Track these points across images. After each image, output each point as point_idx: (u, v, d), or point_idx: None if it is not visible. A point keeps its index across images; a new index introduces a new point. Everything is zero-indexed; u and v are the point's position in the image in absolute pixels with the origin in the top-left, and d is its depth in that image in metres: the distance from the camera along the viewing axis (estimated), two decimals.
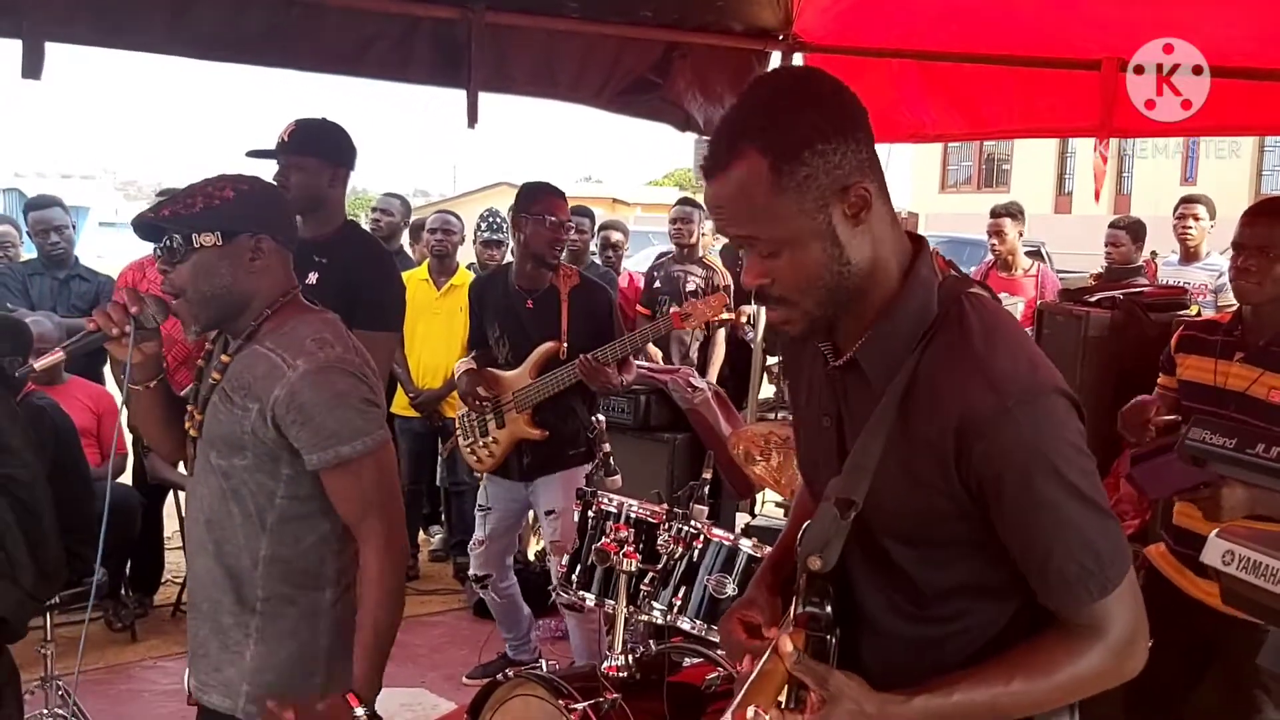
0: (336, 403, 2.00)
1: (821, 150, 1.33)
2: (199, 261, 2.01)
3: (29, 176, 30.74)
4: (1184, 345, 2.87)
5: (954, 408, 1.33)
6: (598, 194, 24.89)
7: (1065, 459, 1.33)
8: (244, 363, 2.06)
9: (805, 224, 1.34)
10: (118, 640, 4.74)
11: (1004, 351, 1.36)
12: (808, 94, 1.38)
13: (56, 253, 5.33)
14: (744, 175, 1.34)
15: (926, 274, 1.43)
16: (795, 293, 1.39)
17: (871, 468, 1.38)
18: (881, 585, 1.48)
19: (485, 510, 4.21)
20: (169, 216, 2.01)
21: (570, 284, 4.01)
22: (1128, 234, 6.40)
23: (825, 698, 1.34)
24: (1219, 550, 2.13)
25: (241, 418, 2.02)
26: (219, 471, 2.08)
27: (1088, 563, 1.33)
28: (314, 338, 2.05)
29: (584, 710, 2.66)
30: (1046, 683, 1.38)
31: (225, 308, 2.06)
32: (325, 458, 2.01)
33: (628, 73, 4.06)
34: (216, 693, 2.14)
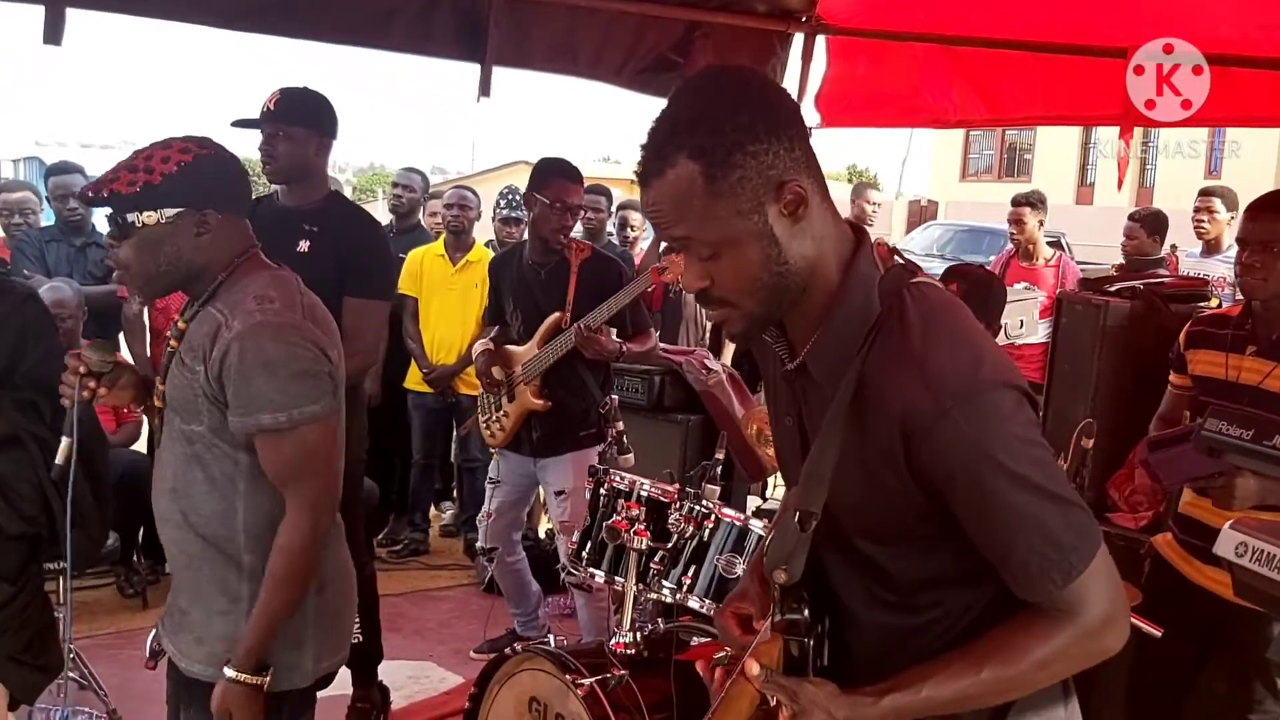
0: (262, 371, 1.95)
1: (753, 151, 1.32)
2: (142, 239, 1.98)
3: (49, 145, 30.84)
4: (1193, 341, 2.84)
5: (896, 408, 1.32)
6: (616, 174, 24.78)
7: (1012, 453, 1.31)
8: (196, 325, 2.04)
9: (741, 225, 1.34)
10: (129, 606, 4.78)
11: (944, 347, 1.34)
12: (737, 95, 1.36)
13: (75, 219, 5.34)
14: (677, 181, 1.33)
15: (866, 269, 1.41)
16: (735, 294, 1.38)
17: (828, 475, 1.37)
18: (858, 579, 1.49)
19: (494, 483, 4.23)
20: (109, 198, 1.97)
21: (581, 257, 4.00)
22: (1144, 227, 6.34)
23: (796, 711, 1.34)
24: (1232, 542, 2.13)
25: (192, 380, 1.99)
26: (183, 438, 2.05)
27: (1049, 553, 1.32)
28: (256, 294, 2.01)
29: (590, 686, 2.66)
30: (1016, 669, 1.37)
31: (174, 280, 2.05)
32: (246, 423, 1.97)
33: (648, 51, 4.03)
34: (199, 663, 2.11)
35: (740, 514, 2.97)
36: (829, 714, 1.34)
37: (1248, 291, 2.71)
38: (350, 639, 2.28)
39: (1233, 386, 2.66)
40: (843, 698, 1.35)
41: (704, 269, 1.38)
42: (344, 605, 2.24)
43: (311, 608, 2.12)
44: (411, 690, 4.14)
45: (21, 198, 5.57)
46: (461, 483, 5.98)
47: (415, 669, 4.32)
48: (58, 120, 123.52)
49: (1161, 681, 2.82)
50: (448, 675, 4.29)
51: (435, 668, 4.37)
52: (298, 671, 2.12)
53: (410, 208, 6.24)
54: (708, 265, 1.37)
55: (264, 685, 2.01)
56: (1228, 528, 2.14)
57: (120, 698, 3.79)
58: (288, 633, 2.09)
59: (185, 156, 1.99)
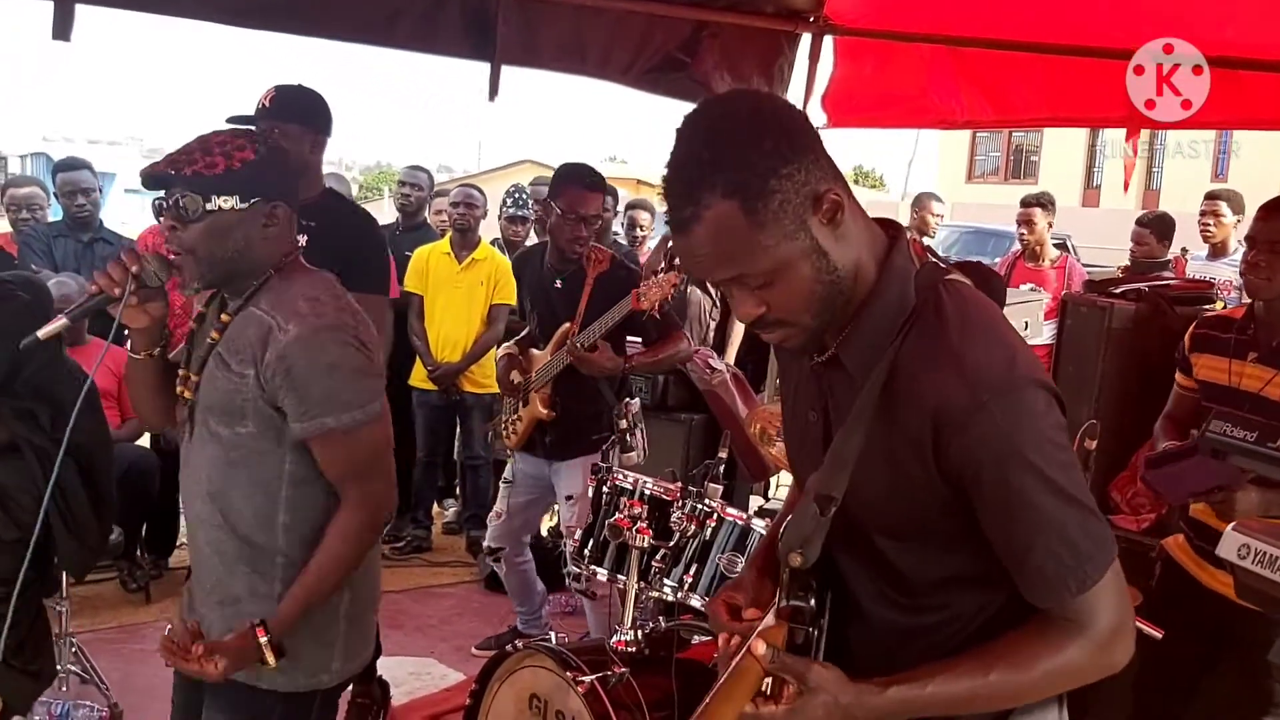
0: (326, 373, 1.95)
1: (785, 174, 1.30)
2: (214, 224, 1.95)
3: (56, 141, 30.86)
4: (1198, 344, 2.84)
5: (930, 401, 1.32)
6: (622, 174, 24.79)
7: (1042, 453, 1.31)
8: (240, 325, 2.01)
9: (789, 247, 1.33)
10: (132, 601, 4.79)
11: (980, 343, 1.35)
12: (751, 121, 1.33)
13: (82, 215, 5.35)
14: (717, 222, 1.30)
15: (902, 264, 1.42)
16: (792, 313, 1.38)
17: (851, 461, 1.37)
18: (870, 576, 1.48)
19: (509, 484, 4.22)
20: (191, 176, 1.94)
21: (599, 269, 3.95)
22: (1152, 231, 6.34)
23: (802, 690, 1.34)
24: (1235, 544, 2.13)
25: (240, 384, 1.97)
26: (220, 440, 2.01)
27: (1066, 559, 1.32)
28: (306, 296, 2.00)
29: (591, 683, 2.66)
30: (1025, 676, 1.37)
31: (234, 271, 2.01)
32: (310, 428, 1.95)
33: (656, 50, 4.03)
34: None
35: (743, 513, 2.97)
36: (835, 697, 1.34)
37: (1251, 290, 2.71)
38: (373, 641, 2.27)
39: (1234, 393, 2.65)
40: (849, 683, 1.35)
41: (758, 297, 1.37)
42: (369, 607, 2.23)
43: (344, 609, 2.11)
44: (413, 687, 4.14)
45: (29, 193, 5.58)
46: (464, 480, 5.99)
47: (417, 665, 4.33)
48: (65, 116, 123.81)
49: (1167, 684, 2.81)
50: (449, 672, 4.30)
51: (437, 664, 4.37)
52: (326, 672, 2.11)
53: (417, 206, 6.25)
54: (761, 293, 1.36)
55: (269, 662, 1.97)
56: (1230, 530, 2.13)
57: (121, 692, 3.80)
58: (320, 633, 2.08)
59: (260, 147, 2.00)
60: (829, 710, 1.34)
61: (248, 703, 2.07)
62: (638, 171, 27.27)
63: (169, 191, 1.97)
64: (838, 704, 1.34)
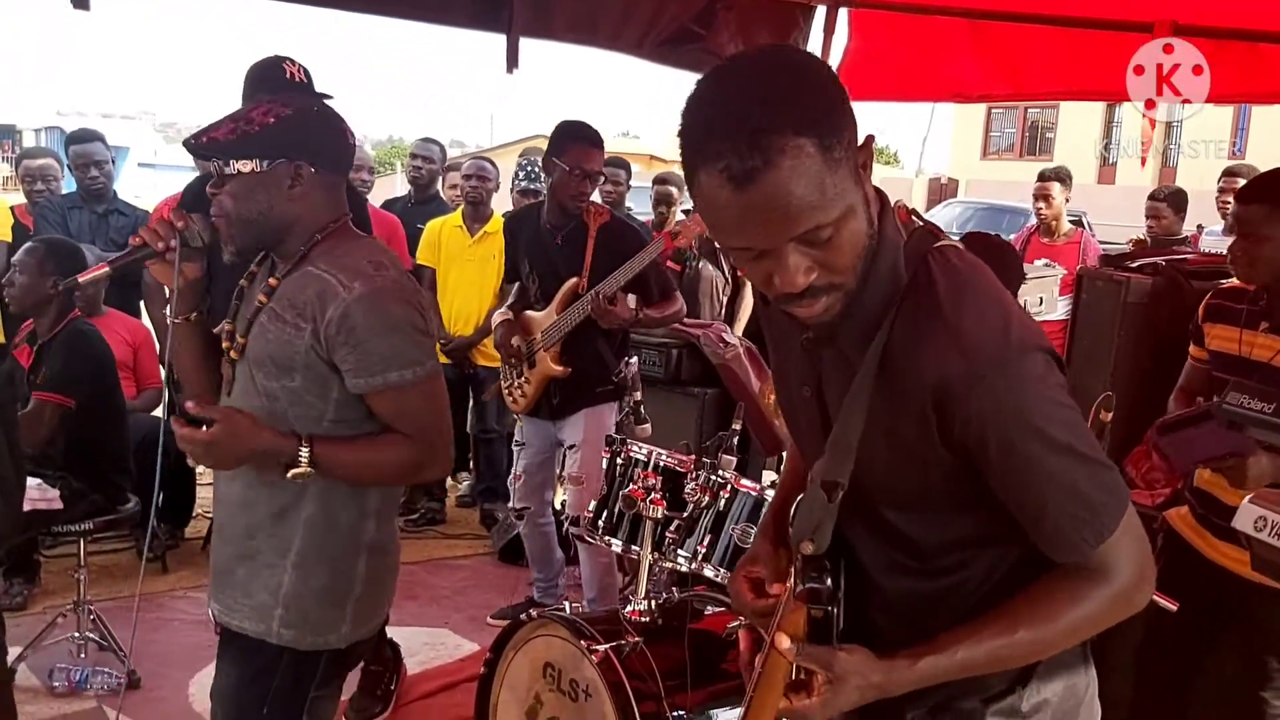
0: (390, 329, 1.99)
1: (846, 110, 1.26)
2: (237, 186, 2.01)
3: (70, 115, 30.96)
4: (1211, 314, 2.83)
5: (929, 377, 1.31)
6: (636, 149, 24.76)
7: (1046, 416, 1.31)
8: (296, 284, 2.04)
9: (855, 191, 1.27)
10: (149, 570, 4.82)
11: (973, 314, 1.32)
12: (801, 62, 1.30)
13: (95, 187, 5.36)
14: (795, 163, 1.19)
15: (892, 234, 1.38)
16: (841, 273, 1.30)
17: (854, 444, 1.36)
18: (882, 548, 1.48)
19: (520, 445, 4.28)
20: (207, 144, 2.00)
21: (600, 221, 4.01)
22: (1169, 205, 6.29)
23: (831, 679, 1.34)
24: (1251, 516, 2.13)
25: (294, 337, 2.00)
26: (265, 393, 2.05)
27: (1081, 514, 1.33)
28: (370, 259, 2.04)
29: (605, 652, 2.68)
30: (1051, 629, 1.37)
31: (264, 232, 2.05)
32: (373, 383, 1.99)
33: (670, 22, 4.01)
34: (248, 619, 2.13)
35: (756, 484, 2.97)
36: (865, 679, 1.34)
37: (1239, 278, 2.71)
38: (387, 608, 2.30)
39: (1245, 362, 2.64)
40: (877, 662, 1.35)
41: (815, 258, 1.27)
42: (387, 574, 2.25)
43: (360, 571, 2.14)
44: (427, 657, 4.17)
45: (44, 165, 5.60)
46: (478, 453, 6.00)
47: (431, 636, 4.36)
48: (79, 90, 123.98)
49: (1171, 657, 2.82)
50: (463, 642, 4.33)
51: (451, 635, 4.40)
52: (334, 633, 2.14)
53: (429, 179, 6.25)
54: (820, 253, 1.27)
55: (302, 464, 1.98)
56: (1247, 502, 2.13)
57: (138, 659, 3.84)
58: (334, 589, 2.11)
59: (285, 109, 2.03)
60: (862, 692, 1.34)
61: (255, 655, 2.11)
62: (651, 147, 27.21)
63: (198, 154, 2.07)
64: (870, 684, 1.34)
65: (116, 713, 3.55)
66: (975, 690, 1.47)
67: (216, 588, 2.22)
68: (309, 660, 2.13)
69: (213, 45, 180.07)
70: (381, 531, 2.15)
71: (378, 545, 2.16)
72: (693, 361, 5.05)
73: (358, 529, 2.12)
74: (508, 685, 2.98)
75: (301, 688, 2.13)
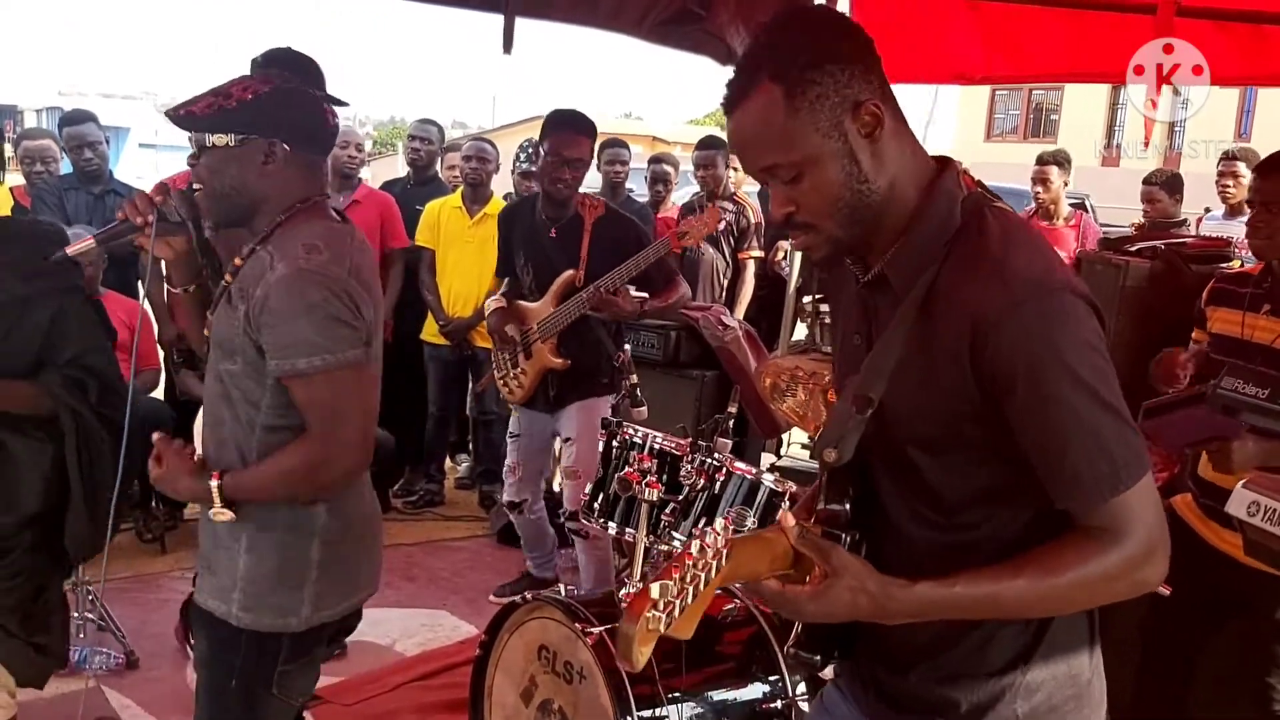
0: (301, 313, 1.95)
1: (830, 70, 1.37)
2: (211, 159, 2.03)
3: (72, 95, 30.82)
4: (1214, 298, 2.82)
5: (969, 306, 1.34)
6: (638, 131, 24.68)
7: (1078, 356, 1.31)
8: (250, 265, 2.05)
9: (822, 143, 1.38)
10: (147, 551, 4.84)
11: (1021, 252, 1.37)
12: (813, 23, 1.44)
13: (90, 169, 5.34)
14: (759, 105, 1.38)
15: (951, 188, 1.44)
16: (818, 216, 1.42)
17: (889, 368, 1.40)
18: (905, 494, 1.48)
19: (516, 437, 4.28)
20: (185, 117, 2.02)
21: (595, 214, 4.00)
22: (1164, 189, 6.26)
23: (828, 572, 1.35)
24: (1244, 501, 2.12)
25: (235, 318, 2.01)
26: (219, 375, 2.07)
27: (1100, 463, 1.32)
28: (306, 243, 2.00)
29: (600, 635, 2.68)
30: (1054, 581, 1.35)
31: (236, 208, 2.06)
32: (282, 367, 1.97)
33: (670, 2, 3.99)
34: (211, 597, 2.14)
35: (752, 468, 2.97)
36: (860, 582, 1.34)
37: (1255, 252, 2.69)
38: (364, 591, 2.28)
39: (1246, 345, 2.64)
40: (876, 573, 1.36)
41: (788, 195, 1.42)
42: (360, 556, 2.23)
43: (317, 554, 2.12)
44: (425, 638, 4.18)
45: (43, 146, 5.58)
46: (477, 435, 6.01)
47: (429, 617, 4.38)
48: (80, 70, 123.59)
49: (1174, 642, 2.82)
50: (460, 624, 4.34)
51: (449, 616, 4.41)
52: (294, 616, 2.12)
53: (428, 160, 6.22)
54: (791, 190, 1.41)
55: (215, 502, 2.03)
56: (1240, 487, 2.13)
57: (137, 639, 3.86)
58: (287, 574, 2.11)
59: (265, 86, 2.03)
60: (854, 595, 1.34)
61: (220, 630, 2.13)
62: (653, 128, 27.14)
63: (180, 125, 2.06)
64: (864, 590, 1.34)
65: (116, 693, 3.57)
66: (976, 665, 1.47)
67: (199, 569, 2.24)
68: (269, 639, 2.12)
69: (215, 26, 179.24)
70: (336, 517, 2.13)
71: (333, 531, 2.13)
72: (692, 344, 5.04)
73: (302, 516, 2.10)
74: (503, 667, 2.98)
75: (266, 663, 2.13)
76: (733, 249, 6.11)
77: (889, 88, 1.42)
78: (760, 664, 2.84)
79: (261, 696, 2.15)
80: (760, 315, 6.02)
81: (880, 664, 1.59)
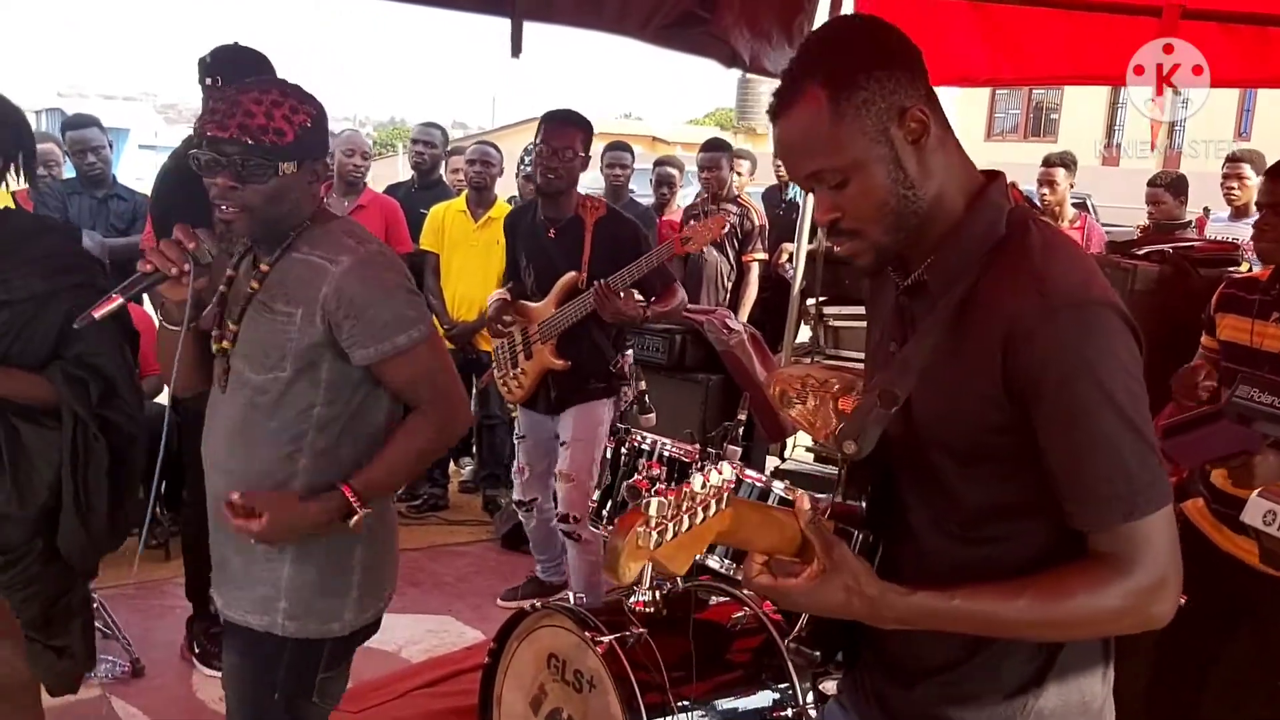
0: (386, 294, 2.04)
1: (878, 77, 1.37)
2: (278, 187, 1.99)
3: (71, 97, 30.80)
4: (1223, 304, 2.81)
5: (1005, 314, 1.33)
6: (637, 131, 24.68)
7: (1109, 371, 1.29)
8: (281, 272, 2.06)
9: (868, 149, 1.38)
10: (151, 557, 4.82)
11: (1060, 263, 1.36)
12: (861, 31, 1.45)
13: (94, 173, 5.34)
14: (807, 110, 1.38)
15: (998, 199, 1.44)
16: (864, 222, 1.42)
17: (918, 367, 1.40)
18: (926, 500, 1.47)
19: (521, 438, 4.30)
20: (270, 147, 1.95)
21: (596, 215, 4.01)
22: (1169, 191, 6.25)
23: (826, 566, 1.33)
24: (1260, 510, 2.11)
25: (285, 324, 2.02)
26: (252, 385, 2.06)
27: (1119, 482, 1.30)
28: (349, 233, 2.09)
29: (609, 643, 2.67)
30: (1057, 606, 1.33)
31: (282, 225, 2.06)
32: (382, 350, 2.02)
33: (674, 5, 3.98)
34: (250, 612, 2.14)
35: (761, 475, 2.96)
36: (856, 582, 1.33)
37: (1261, 255, 2.69)
38: (389, 588, 2.31)
39: (1255, 353, 2.62)
40: (875, 577, 1.35)
41: (833, 200, 1.42)
42: (387, 557, 2.27)
43: (360, 556, 2.16)
44: (431, 644, 4.18)
45: (45, 150, 5.57)
46: (481, 439, 6.00)
47: (435, 623, 4.36)
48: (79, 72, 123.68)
49: (1188, 650, 2.81)
50: (466, 629, 4.33)
51: (454, 622, 4.41)
52: (338, 621, 2.16)
53: (432, 164, 6.22)
54: (836, 196, 1.41)
55: (357, 513, 2.05)
56: (1255, 495, 2.12)
57: (142, 647, 3.85)
58: (332, 582, 2.13)
59: (310, 108, 2.04)
60: (848, 594, 1.33)
61: (260, 645, 2.13)
62: (653, 129, 27.13)
63: (221, 149, 1.96)
64: (859, 591, 1.33)
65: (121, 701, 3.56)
66: (987, 685, 1.45)
67: (217, 579, 2.23)
68: (313, 646, 2.15)
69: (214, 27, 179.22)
70: (376, 517, 2.15)
71: (374, 532, 2.16)
72: (697, 348, 5.03)
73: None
74: (512, 675, 2.98)
75: (309, 672, 2.16)
76: (737, 252, 6.11)
77: (935, 96, 1.42)
78: (770, 672, 2.84)
79: (303, 706, 2.17)
80: (764, 318, 6.01)
81: (886, 678, 1.57)
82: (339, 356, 2.04)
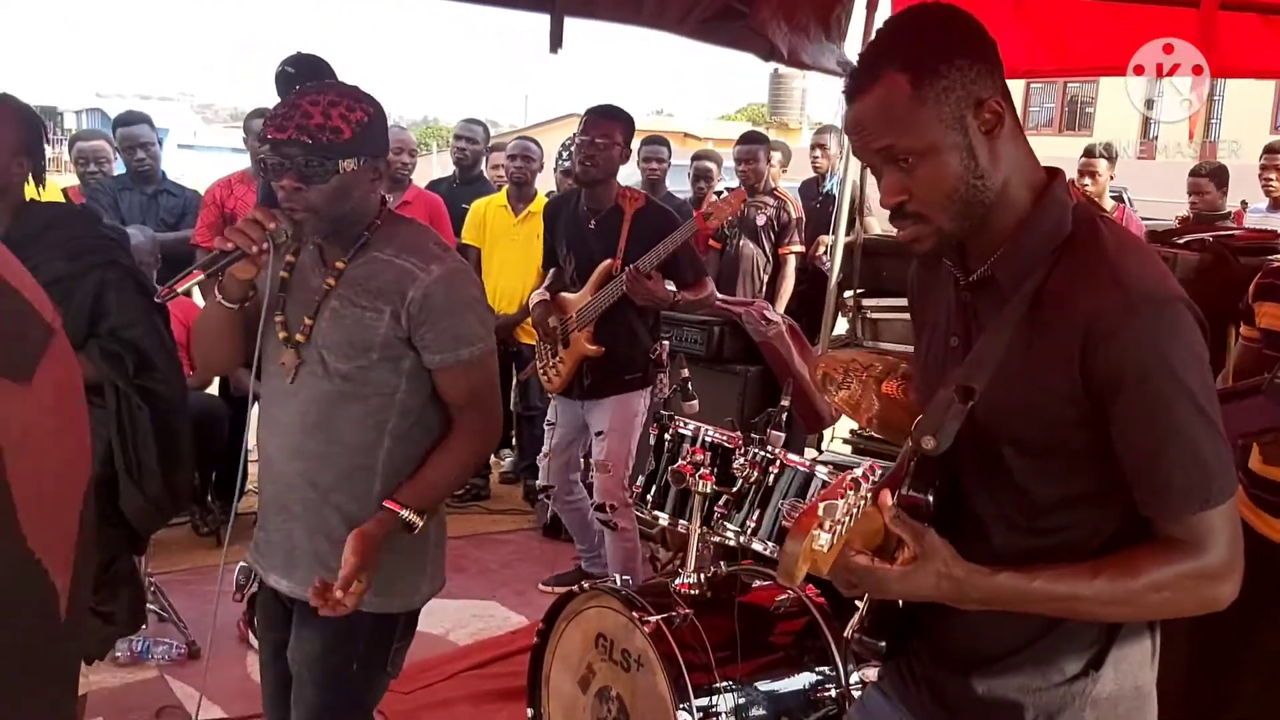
0: (465, 308, 2.17)
1: (959, 65, 1.39)
2: (340, 185, 2.06)
3: (110, 97, 31.23)
4: (1262, 293, 2.81)
5: (1084, 308, 1.35)
6: (669, 127, 24.62)
7: (1186, 366, 1.33)
8: (366, 269, 2.15)
9: (943, 134, 1.40)
10: (204, 544, 4.94)
11: (1136, 261, 1.39)
12: (943, 19, 1.45)
13: (144, 169, 5.45)
14: (884, 91, 1.40)
15: (1062, 195, 1.46)
16: (930, 207, 1.43)
17: (993, 362, 1.42)
18: (995, 496, 1.49)
19: (551, 425, 4.41)
20: (328, 144, 2.02)
21: (635, 206, 4.09)
22: (1211, 181, 6.23)
23: (919, 554, 1.37)
24: None
25: (374, 320, 2.11)
26: (337, 374, 2.14)
27: (1194, 473, 1.34)
28: (434, 243, 2.20)
29: (656, 623, 2.73)
30: (1130, 583, 1.37)
31: (346, 223, 2.14)
32: (445, 359, 2.14)
33: (713, 0, 4.03)
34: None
35: (805, 460, 3.01)
36: (947, 566, 1.38)
37: None
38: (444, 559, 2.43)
39: None
40: (961, 560, 1.39)
41: (902, 182, 1.43)
42: (444, 535, 2.41)
43: (432, 533, 2.28)
44: (476, 628, 4.26)
45: (96, 146, 5.69)
46: (521, 430, 6.08)
47: (480, 608, 4.45)
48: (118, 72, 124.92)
49: (1226, 631, 2.82)
50: (510, 614, 4.41)
51: (499, 607, 4.49)
52: (417, 594, 2.30)
53: (473, 159, 6.30)
54: (905, 178, 1.42)
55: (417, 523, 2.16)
56: None
57: (197, 630, 3.94)
58: (413, 555, 2.25)
59: (369, 106, 2.11)
60: (940, 579, 1.38)
61: (340, 622, 2.15)
62: (684, 125, 27.11)
63: (283, 151, 2.03)
64: (950, 575, 1.38)
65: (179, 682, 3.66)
66: (1043, 671, 1.49)
67: (286, 565, 2.27)
68: (391, 618, 2.26)
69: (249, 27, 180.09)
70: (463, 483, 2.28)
71: (438, 510, 2.30)
72: (735, 339, 5.07)
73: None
74: (560, 655, 3.04)
75: (385, 644, 2.26)
76: (773, 244, 6.15)
77: (1008, 90, 1.44)
78: (812, 654, 2.88)
79: (377, 676, 2.28)
80: (801, 310, 6.05)
81: (942, 666, 1.60)
82: (417, 351, 2.15)
